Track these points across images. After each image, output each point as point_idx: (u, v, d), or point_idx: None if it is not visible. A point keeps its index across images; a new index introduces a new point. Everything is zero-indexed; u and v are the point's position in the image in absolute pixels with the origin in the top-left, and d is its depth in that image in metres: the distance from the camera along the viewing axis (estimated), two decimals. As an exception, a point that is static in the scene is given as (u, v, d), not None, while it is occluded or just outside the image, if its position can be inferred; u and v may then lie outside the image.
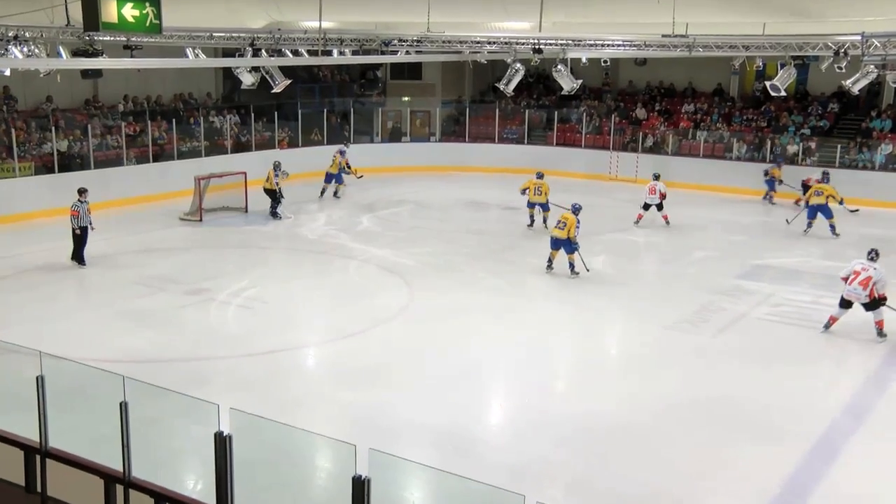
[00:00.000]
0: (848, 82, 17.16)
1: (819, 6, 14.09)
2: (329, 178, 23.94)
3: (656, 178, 21.34)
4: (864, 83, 17.11)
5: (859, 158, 25.20)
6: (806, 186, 22.71)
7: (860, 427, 10.44)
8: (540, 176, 20.54)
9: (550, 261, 16.15)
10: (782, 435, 10.01)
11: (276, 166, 20.96)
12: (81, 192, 16.41)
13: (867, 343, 12.91)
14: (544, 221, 19.92)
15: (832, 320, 13.06)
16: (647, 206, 21.13)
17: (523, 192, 20.36)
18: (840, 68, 16.95)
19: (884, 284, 12.57)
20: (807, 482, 9.03)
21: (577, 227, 15.74)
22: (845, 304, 12.87)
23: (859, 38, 14.53)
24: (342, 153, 24.34)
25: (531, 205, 20.42)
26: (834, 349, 12.94)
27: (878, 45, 14.35)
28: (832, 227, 19.87)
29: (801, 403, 10.96)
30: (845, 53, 16.12)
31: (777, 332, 13.62)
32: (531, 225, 20.40)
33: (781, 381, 11.67)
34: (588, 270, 15.99)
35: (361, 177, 24.37)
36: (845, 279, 12.85)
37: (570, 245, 15.76)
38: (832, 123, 27.11)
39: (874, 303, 12.58)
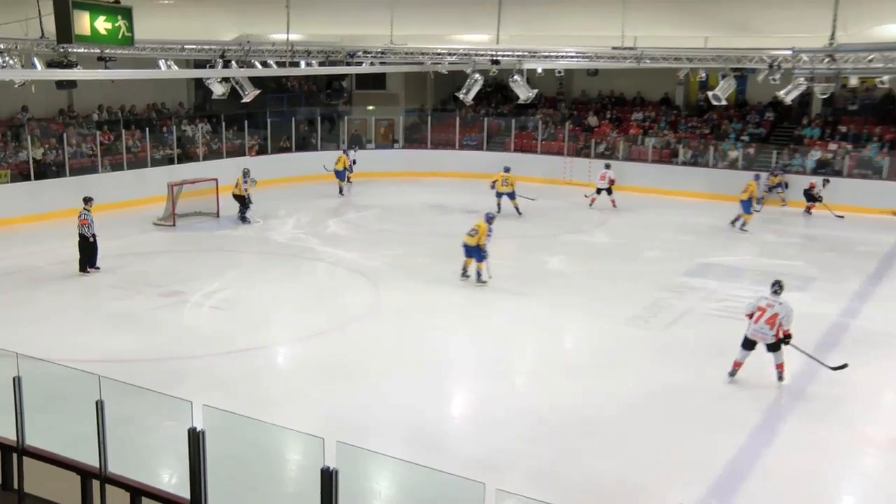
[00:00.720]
0: (781, 93, 17.46)
1: (756, 22, 14.30)
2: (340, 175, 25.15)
3: (607, 167, 23.76)
4: (795, 94, 17.40)
5: (792, 163, 25.67)
6: (810, 195, 23.19)
7: (795, 410, 10.69)
8: (507, 169, 22.14)
9: (465, 268, 15.87)
10: (726, 420, 10.19)
11: (245, 173, 20.85)
12: (87, 200, 15.94)
13: (802, 334, 13.10)
14: (517, 209, 21.64)
15: (736, 366, 11.36)
16: (598, 191, 23.53)
17: (493, 184, 22.02)
18: (774, 80, 17.22)
19: (790, 320, 11.03)
20: (747, 463, 9.19)
21: (489, 235, 15.53)
22: (749, 344, 11.25)
23: (790, 52, 14.77)
24: (345, 152, 25.88)
25: (499, 195, 21.96)
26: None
27: (807, 59, 14.63)
28: (742, 221, 20.84)
29: (742, 390, 11.16)
30: (779, 66, 16.38)
31: (720, 325, 13.78)
32: (498, 212, 20.90)
33: (725, 370, 11.72)
34: (490, 277, 15.56)
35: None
36: (749, 316, 11.24)
37: (479, 253, 15.49)
38: (768, 131, 27.59)
39: (778, 343, 11.15)
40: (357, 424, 9.66)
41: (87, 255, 15.86)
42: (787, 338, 11.11)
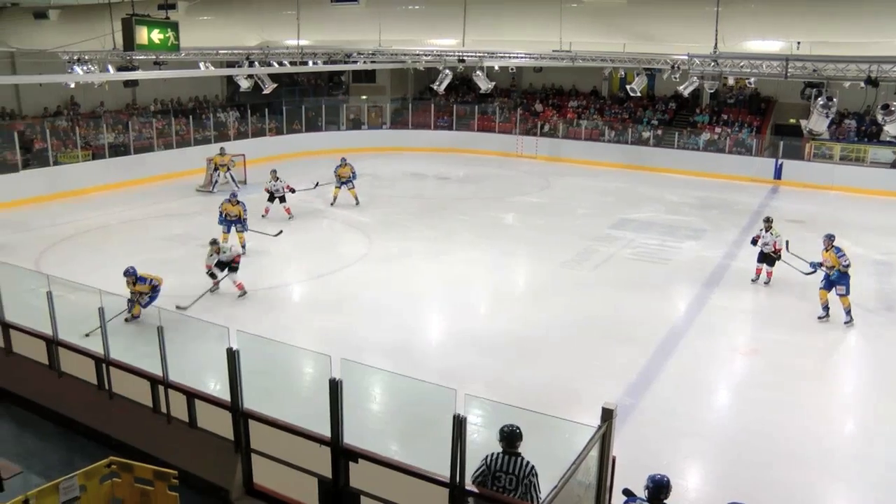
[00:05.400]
0: (681, 88, 17.54)
1: (661, 34, 14.36)
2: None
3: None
4: (690, 89, 17.48)
5: (689, 143, 25.88)
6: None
7: (688, 329, 11.00)
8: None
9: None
10: (638, 338, 10.48)
11: (221, 151, 20.73)
12: None
13: (695, 273, 13.47)
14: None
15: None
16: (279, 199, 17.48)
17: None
18: (675, 78, 17.31)
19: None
20: (653, 370, 9.51)
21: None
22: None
23: (686, 57, 14.87)
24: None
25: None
26: (672, 277, 13.45)
27: (698, 62, 14.71)
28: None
29: (651, 316, 11.44)
30: (678, 67, 16.46)
31: (636, 266, 14.04)
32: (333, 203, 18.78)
33: (638, 301, 12.08)
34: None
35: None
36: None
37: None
38: (672, 117, 27.65)
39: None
40: (354, 346, 9.80)
41: None
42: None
